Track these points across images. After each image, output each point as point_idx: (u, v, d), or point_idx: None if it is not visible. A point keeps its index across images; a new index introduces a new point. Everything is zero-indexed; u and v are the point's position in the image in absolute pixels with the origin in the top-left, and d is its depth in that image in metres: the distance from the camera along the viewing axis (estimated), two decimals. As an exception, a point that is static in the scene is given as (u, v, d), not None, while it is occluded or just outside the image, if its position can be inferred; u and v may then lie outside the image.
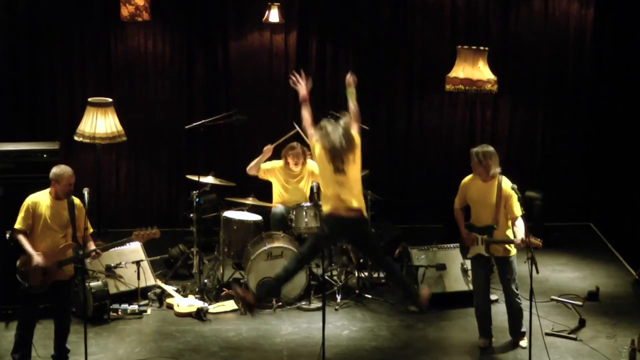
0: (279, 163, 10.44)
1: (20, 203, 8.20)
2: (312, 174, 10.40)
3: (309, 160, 10.39)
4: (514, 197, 8.45)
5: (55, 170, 8.10)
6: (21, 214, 8.10)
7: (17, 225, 8.11)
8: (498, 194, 8.53)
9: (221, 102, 11.86)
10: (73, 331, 8.55)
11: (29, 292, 8.07)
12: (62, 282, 8.15)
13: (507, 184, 8.53)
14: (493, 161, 8.59)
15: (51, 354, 8.39)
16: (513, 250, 8.67)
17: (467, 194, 8.74)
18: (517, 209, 8.45)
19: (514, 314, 8.87)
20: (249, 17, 11.79)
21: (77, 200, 8.18)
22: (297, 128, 10.07)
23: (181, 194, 11.88)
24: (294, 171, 10.37)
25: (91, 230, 8.17)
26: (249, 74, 11.97)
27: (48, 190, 8.14)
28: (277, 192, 10.43)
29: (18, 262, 8.12)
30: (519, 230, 8.46)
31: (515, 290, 8.76)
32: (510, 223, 8.57)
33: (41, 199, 8.11)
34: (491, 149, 8.70)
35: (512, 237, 8.56)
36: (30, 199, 8.12)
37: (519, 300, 8.80)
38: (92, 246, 8.15)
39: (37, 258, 7.98)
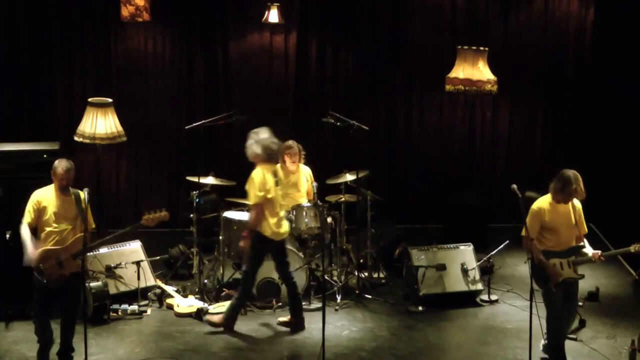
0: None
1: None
2: (306, 177, 10.41)
3: (302, 165, 10.39)
4: (582, 214, 8.30)
5: (54, 164, 8.14)
6: (27, 208, 8.13)
7: (23, 219, 8.14)
8: (574, 212, 8.22)
9: (221, 102, 11.87)
10: (73, 331, 8.56)
11: (47, 286, 8.07)
12: (74, 274, 8.16)
13: (576, 201, 8.26)
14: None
15: (56, 351, 8.41)
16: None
17: (547, 219, 8.11)
18: (585, 225, 8.35)
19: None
20: (249, 18, 11.80)
21: (82, 194, 8.22)
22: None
23: (181, 194, 11.88)
24: (290, 169, 10.33)
25: (93, 226, 8.23)
26: (248, 74, 11.98)
27: (53, 184, 8.18)
28: None
29: None
30: (588, 245, 8.32)
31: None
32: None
33: (46, 193, 8.14)
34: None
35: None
36: (35, 194, 8.16)
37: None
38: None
39: (29, 256, 8.00)
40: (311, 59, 12.04)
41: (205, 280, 10.07)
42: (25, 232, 8.02)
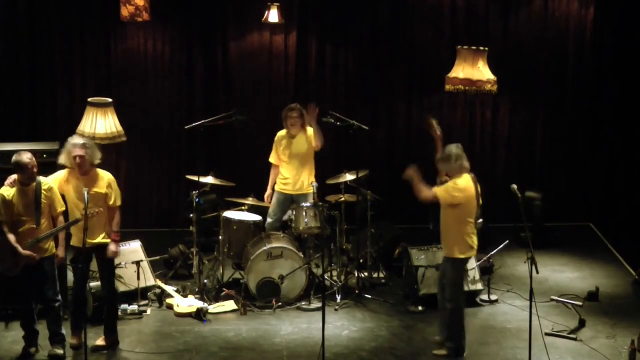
0: (281, 134, 10.37)
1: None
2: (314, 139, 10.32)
3: (308, 128, 10.32)
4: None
5: (18, 159, 8.24)
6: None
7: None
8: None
9: (221, 102, 11.87)
10: (73, 331, 8.56)
11: (4, 275, 8.27)
12: (42, 258, 8.31)
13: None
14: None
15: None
16: (456, 253, 8.54)
17: None
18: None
19: None
20: (249, 18, 11.80)
21: (45, 182, 8.31)
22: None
23: (181, 194, 11.88)
24: (293, 133, 10.28)
25: (63, 208, 8.38)
26: (249, 74, 11.98)
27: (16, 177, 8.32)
28: (281, 175, 10.39)
29: None
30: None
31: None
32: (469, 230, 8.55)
33: (8, 188, 8.29)
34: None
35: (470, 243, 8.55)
36: (0, 191, 8.32)
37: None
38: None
39: (23, 252, 8.21)
40: (311, 59, 12.04)
41: (205, 280, 10.07)
42: (5, 231, 8.23)
